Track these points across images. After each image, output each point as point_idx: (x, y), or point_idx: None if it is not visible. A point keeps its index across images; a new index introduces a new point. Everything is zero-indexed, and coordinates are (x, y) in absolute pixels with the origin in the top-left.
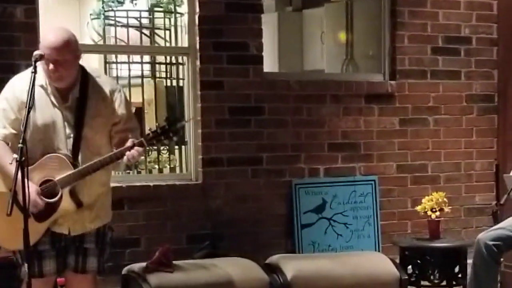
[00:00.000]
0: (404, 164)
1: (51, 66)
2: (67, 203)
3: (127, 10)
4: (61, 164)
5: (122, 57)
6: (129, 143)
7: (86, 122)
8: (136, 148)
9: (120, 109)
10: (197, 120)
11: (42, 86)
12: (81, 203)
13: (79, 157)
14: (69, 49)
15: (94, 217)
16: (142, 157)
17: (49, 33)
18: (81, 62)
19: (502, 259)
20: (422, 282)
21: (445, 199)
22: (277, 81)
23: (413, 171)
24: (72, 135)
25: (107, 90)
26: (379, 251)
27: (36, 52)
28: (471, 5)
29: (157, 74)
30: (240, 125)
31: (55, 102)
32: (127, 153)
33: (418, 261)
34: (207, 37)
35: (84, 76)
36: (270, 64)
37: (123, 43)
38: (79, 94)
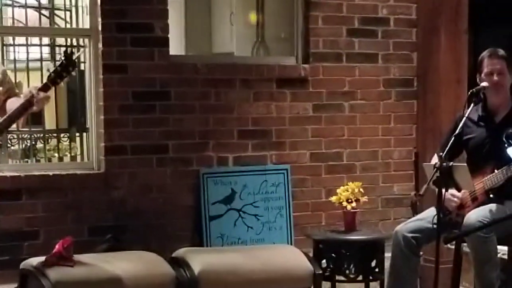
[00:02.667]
0: (318, 153)
1: None
2: None
3: None
4: None
5: (20, 39)
6: (33, 90)
7: None
8: (41, 93)
9: None
10: (99, 106)
11: None
12: None
13: None
14: None
15: None
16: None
17: None
18: None
19: (421, 253)
20: (337, 277)
21: (361, 189)
22: (184, 64)
23: (328, 159)
24: None
25: None
26: (291, 244)
27: None
28: None
29: (57, 57)
30: (144, 111)
31: None
32: (36, 97)
33: (333, 255)
34: (110, 18)
35: None
36: (176, 46)
37: (21, 25)
38: None
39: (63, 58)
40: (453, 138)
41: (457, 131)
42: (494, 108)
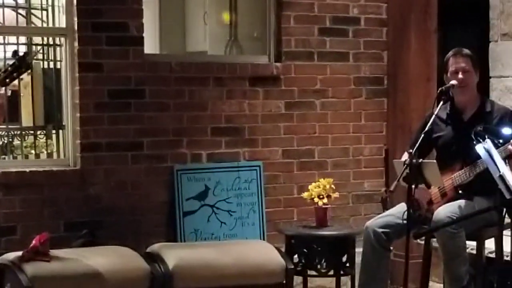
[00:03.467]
0: (290, 149)
1: None
2: None
3: None
4: None
5: None
6: None
7: None
8: None
9: None
10: (75, 104)
11: None
12: None
13: None
14: None
15: None
16: None
17: None
18: None
19: (392, 248)
20: (309, 272)
21: (332, 186)
22: (158, 63)
23: (300, 156)
24: None
25: None
26: (264, 240)
27: None
28: None
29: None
30: (119, 109)
31: None
32: None
33: (305, 250)
34: (86, 17)
35: None
36: (151, 45)
37: None
38: None
39: (15, 60)
40: (422, 136)
41: (426, 129)
42: (462, 107)
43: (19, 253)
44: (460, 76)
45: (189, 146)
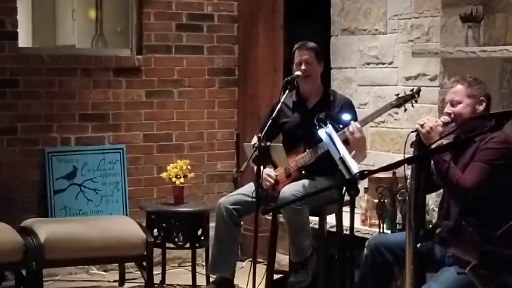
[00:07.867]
0: (150, 134)
1: None
2: None
3: None
4: None
5: None
6: None
7: None
8: None
9: None
10: None
11: None
12: None
13: None
14: None
15: None
16: None
17: None
18: None
19: (242, 223)
20: (167, 244)
21: (188, 167)
22: (31, 55)
23: (159, 140)
24: None
25: None
26: (127, 215)
27: None
28: None
29: None
30: None
31: None
32: None
33: (164, 225)
34: None
35: None
36: (24, 39)
37: None
38: None
39: None
40: (270, 121)
41: (273, 115)
42: (306, 95)
43: None
44: (302, 67)
45: (59, 130)
